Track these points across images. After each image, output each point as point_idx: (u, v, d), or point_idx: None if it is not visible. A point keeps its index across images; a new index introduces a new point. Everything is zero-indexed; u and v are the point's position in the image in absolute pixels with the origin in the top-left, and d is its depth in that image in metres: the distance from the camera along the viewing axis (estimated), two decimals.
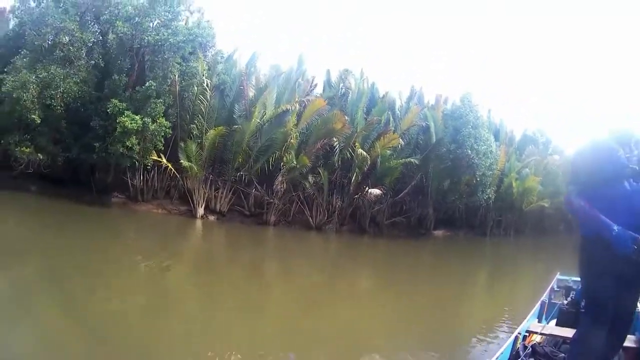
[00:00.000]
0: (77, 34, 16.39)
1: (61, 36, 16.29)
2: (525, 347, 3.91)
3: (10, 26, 19.18)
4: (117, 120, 15.36)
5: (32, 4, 17.56)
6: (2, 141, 16.76)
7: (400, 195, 19.47)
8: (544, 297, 5.54)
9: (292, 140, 17.03)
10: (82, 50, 16.42)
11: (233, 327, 6.66)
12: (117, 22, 16.26)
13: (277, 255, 14.80)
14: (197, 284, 9.36)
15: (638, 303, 3.27)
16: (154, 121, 15.66)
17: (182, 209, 17.72)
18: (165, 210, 17.64)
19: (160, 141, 16.05)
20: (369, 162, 17.82)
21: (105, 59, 17.09)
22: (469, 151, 18.92)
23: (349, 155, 18.27)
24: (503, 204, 21.73)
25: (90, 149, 16.97)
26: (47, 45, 16.38)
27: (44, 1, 16.58)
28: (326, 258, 15.46)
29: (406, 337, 6.93)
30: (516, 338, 4.04)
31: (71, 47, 16.27)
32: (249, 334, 6.41)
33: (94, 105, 16.94)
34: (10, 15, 19.25)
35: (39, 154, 16.33)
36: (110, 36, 16.70)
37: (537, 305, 5.25)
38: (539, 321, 4.94)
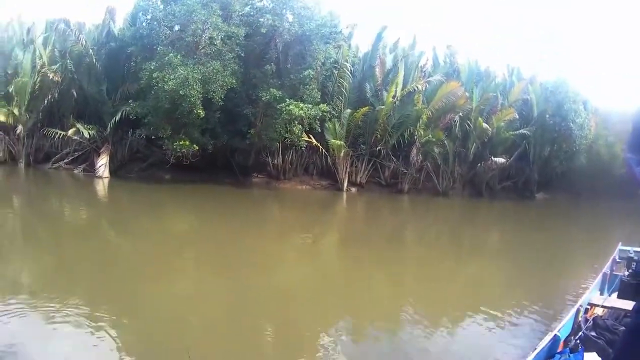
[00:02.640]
0: (224, 28, 17.79)
1: (211, 31, 17.81)
2: (586, 320, 3.79)
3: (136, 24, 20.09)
4: (281, 108, 16.83)
5: (160, 4, 19.00)
6: (153, 137, 18.14)
7: (509, 162, 21.40)
8: (606, 268, 5.33)
9: (424, 117, 18.90)
10: (233, 44, 17.93)
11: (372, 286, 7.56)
12: (265, 15, 17.87)
13: (418, 220, 16.54)
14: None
15: None
16: (313, 106, 17.31)
17: (324, 184, 19.71)
18: (309, 186, 19.61)
19: (317, 124, 17.73)
20: (489, 134, 19.74)
21: (246, 50, 18.38)
22: (571, 124, 20.97)
23: (467, 128, 20.17)
24: (595, 169, 23.70)
25: (239, 135, 18.60)
26: (196, 41, 17.80)
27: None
28: (453, 220, 17.12)
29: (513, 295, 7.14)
30: (577, 311, 3.91)
31: (221, 41, 17.73)
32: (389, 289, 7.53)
33: (239, 95, 18.47)
34: (140, 14, 20.26)
35: (194, 145, 17.73)
36: (262, 29, 18.10)
37: (599, 277, 5.05)
38: (601, 294, 4.85)
